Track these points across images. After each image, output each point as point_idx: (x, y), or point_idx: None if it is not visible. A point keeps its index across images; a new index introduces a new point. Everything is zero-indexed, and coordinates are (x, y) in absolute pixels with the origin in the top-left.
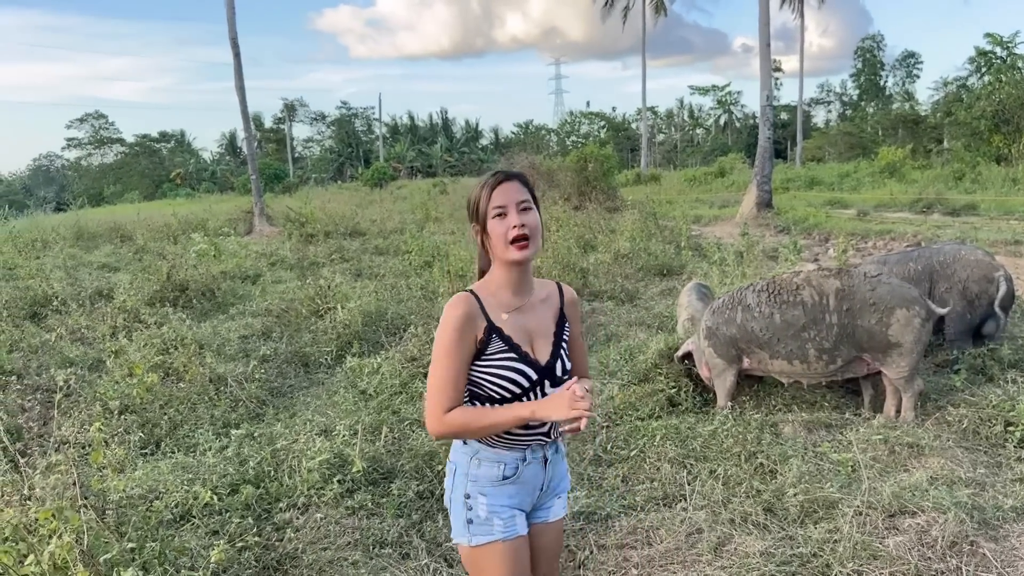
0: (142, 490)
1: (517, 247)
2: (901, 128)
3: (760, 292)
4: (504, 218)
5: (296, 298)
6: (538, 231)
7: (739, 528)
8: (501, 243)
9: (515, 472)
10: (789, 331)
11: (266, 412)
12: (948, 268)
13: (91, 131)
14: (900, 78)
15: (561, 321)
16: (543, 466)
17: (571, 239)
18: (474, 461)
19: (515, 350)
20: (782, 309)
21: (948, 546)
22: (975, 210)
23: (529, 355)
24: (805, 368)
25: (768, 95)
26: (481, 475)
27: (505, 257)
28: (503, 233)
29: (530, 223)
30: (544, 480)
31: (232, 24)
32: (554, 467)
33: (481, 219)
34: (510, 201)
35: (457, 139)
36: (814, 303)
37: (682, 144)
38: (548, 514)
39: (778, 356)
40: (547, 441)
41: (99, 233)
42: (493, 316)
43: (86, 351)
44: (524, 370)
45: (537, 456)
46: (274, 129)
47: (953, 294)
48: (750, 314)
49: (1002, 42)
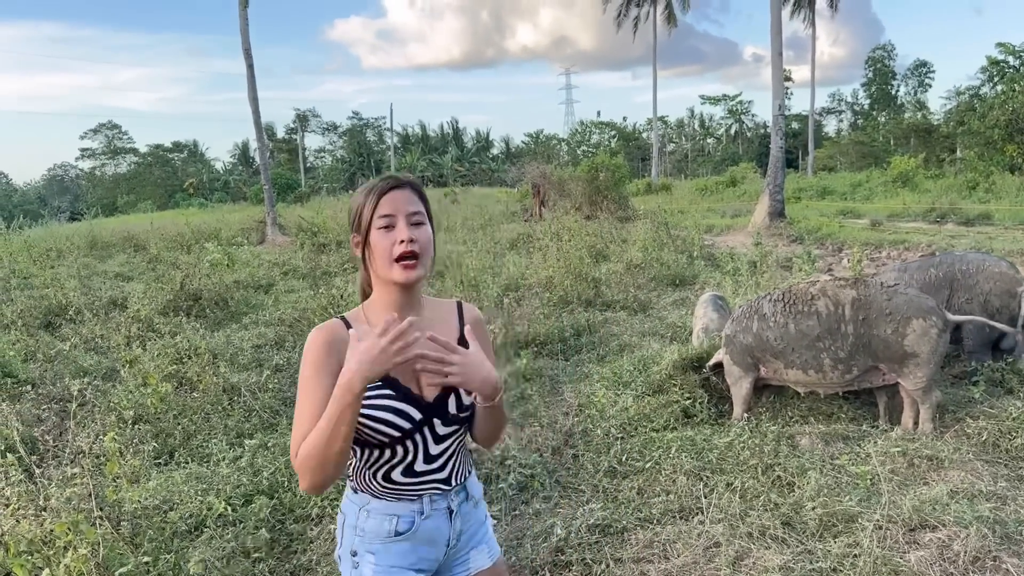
0: (156, 501)
1: (403, 266)
2: (913, 137)
3: (776, 302)
4: (390, 231)
5: (309, 307)
6: (429, 249)
7: (757, 542)
8: (385, 260)
9: (410, 527)
10: (804, 341)
11: (279, 422)
12: (971, 278)
13: (105, 141)
14: (912, 87)
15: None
16: (448, 518)
17: (583, 249)
18: (363, 513)
19: (392, 386)
20: (797, 319)
21: (970, 562)
22: (989, 220)
23: (411, 391)
24: (820, 378)
25: (780, 104)
26: (369, 530)
27: (388, 276)
28: (387, 248)
29: (421, 239)
30: (451, 534)
31: (245, 35)
32: (464, 518)
33: (364, 230)
34: (400, 211)
35: (468, 149)
36: (829, 313)
37: (693, 154)
38: (468, 567)
39: (793, 366)
40: (446, 489)
41: (113, 243)
42: None
43: (100, 360)
44: (403, 409)
45: (439, 507)
46: (286, 139)
47: (974, 306)
48: (765, 323)
49: (1014, 51)
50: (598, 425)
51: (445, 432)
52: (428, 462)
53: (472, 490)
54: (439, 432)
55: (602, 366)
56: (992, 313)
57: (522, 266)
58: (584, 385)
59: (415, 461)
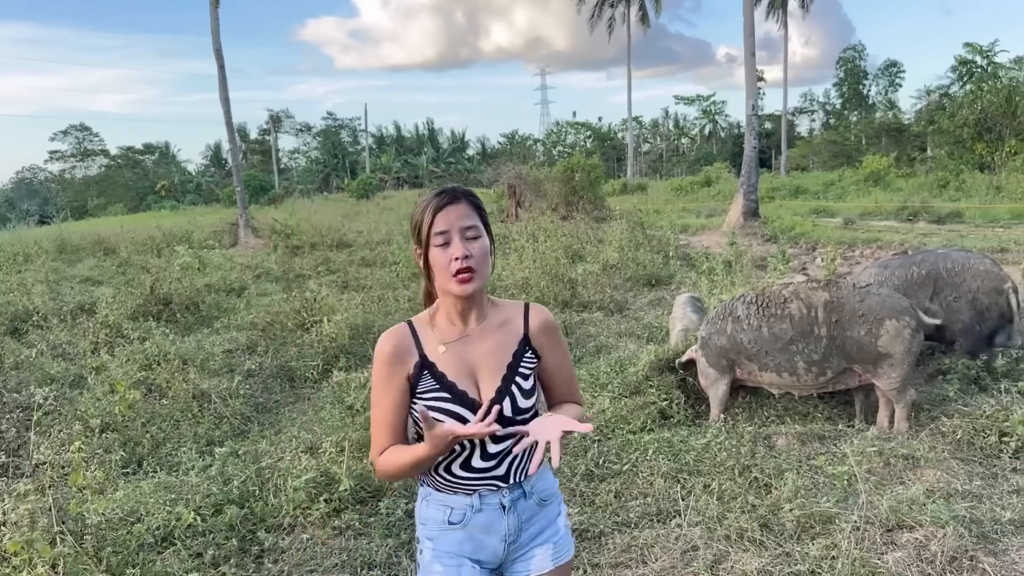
0: (122, 512)
1: (459, 280)
2: (884, 137)
3: (749, 304)
4: (447, 247)
5: (282, 311)
6: (486, 260)
7: (735, 545)
8: (443, 274)
9: (462, 519)
10: (777, 344)
11: (251, 429)
12: (957, 276)
13: (75, 143)
14: (883, 87)
15: (521, 351)
16: (501, 513)
17: (559, 249)
18: (424, 502)
19: (448, 388)
20: (770, 323)
21: (948, 561)
22: (960, 218)
23: (466, 394)
24: (794, 380)
25: (753, 105)
26: (429, 517)
27: (447, 289)
28: (445, 264)
29: (476, 252)
30: (507, 529)
31: (216, 36)
32: (522, 514)
33: (423, 245)
34: (454, 227)
35: (444, 150)
36: (802, 316)
37: (668, 154)
38: (529, 567)
39: (767, 368)
40: (502, 486)
41: (82, 246)
42: (428, 349)
43: (67, 367)
44: (456, 411)
45: (491, 502)
46: (259, 140)
47: (962, 304)
48: (739, 326)
49: (982, 51)
50: None
51: (503, 433)
52: (485, 459)
53: (535, 489)
54: (497, 433)
55: (579, 367)
56: (981, 310)
57: (498, 267)
58: None
59: (472, 457)
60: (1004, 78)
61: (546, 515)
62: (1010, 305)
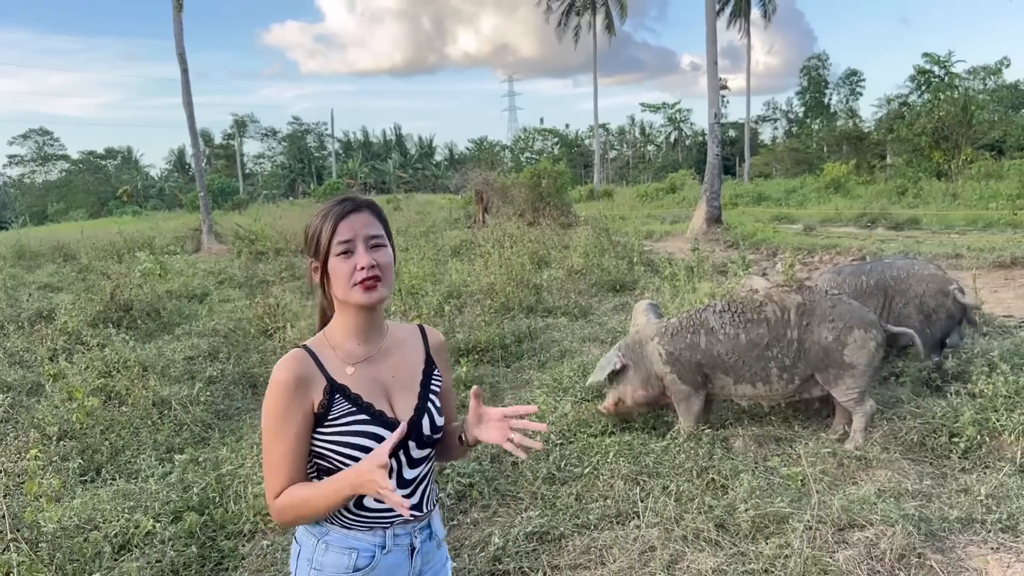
0: (79, 520)
1: (364, 287)
2: (845, 144)
3: (722, 313)
4: (350, 256)
5: (244, 317)
6: (390, 271)
7: (691, 545)
8: (344, 284)
9: (370, 562)
10: (754, 351)
11: (211, 436)
12: (903, 283)
13: (35, 147)
14: (844, 95)
15: (429, 369)
16: (409, 555)
17: (525, 255)
18: (320, 545)
19: (366, 410)
20: (747, 328)
21: (896, 559)
22: (918, 224)
23: (384, 414)
24: (767, 390)
25: (716, 113)
26: (327, 564)
27: (349, 299)
28: (348, 274)
29: (382, 261)
30: (410, 573)
31: (179, 39)
32: (426, 557)
33: (322, 256)
34: (358, 235)
35: (411, 155)
36: (777, 319)
37: (634, 160)
38: None
39: (743, 380)
40: (418, 515)
41: (41, 252)
42: (334, 372)
43: (24, 375)
44: (378, 433)
45: (401, 542)
46: (224, 145)
47: (911, 309)
48: (714, 337)
49: (939, 61)
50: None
51: (419, 456)
52: (402, 486)
53: (436, 529)
54: (413, 456)
55: (543, 372)
56: (928, 313)
57: (464, 273)
58: (525, 391)
59: None
60: (960, 88)
61: (440, 558)
62: (957, 305)
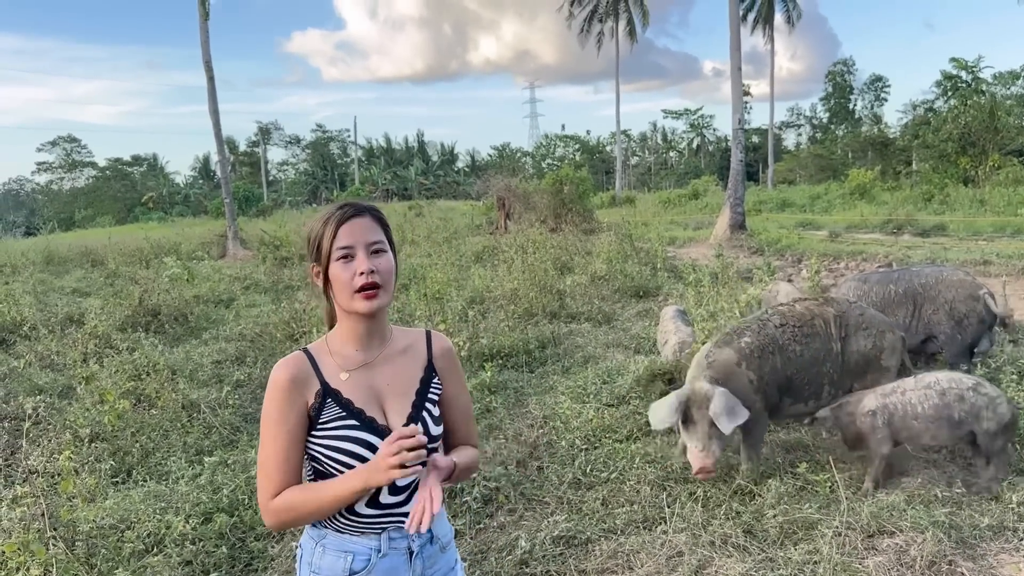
0: (113, 520)
1: (364, 296)
2: (870, 150)
3: (783, 328)
4: (350, 262)
5: (270, 322)
6: (391, 277)
7: (719, 551)
8: (346, 291)
9: (365, 566)
10: (814, 367)
11: (240, 439)
12: (932, 290)
13: (62, 155)
14: (868, 101)
15: (428, 376)
16: (408, 559)
17: (547, 261)
18: (319, 549)
19: (356, 416)
20: (806, 343)
21: (927, 566)
22: (944, 231)
23: (375, 421)
24: (814, 406)
25: (740, 118)
26: (324, 567)
27: (350, 307)
28: (348, 280)
29: (382, 268)
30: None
31: (206, 48)
32: (427, 561)
33: (323, 260)
34: (359, 241)
35: (433, 162)
36: (824, 332)
37: (656, 167)
38: None
39: (799, 399)
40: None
41: (70, 258)
42: (329, 377)
43: (56, 378)
44: (367, 439)
45: (398, 546)
46: (248, 152)
47: (941, 315)
48: (785, 356)
49: (967, 66)
50: (563, 437)
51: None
52: (394, 493)
53: (439, 533)
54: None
55: (567, 378)
56: (959, 318)
57: (487, 279)
58: (549, 397)
59: (380, 492)
60: (986, 93)
61: (446, 561)
62: (988, 310)
